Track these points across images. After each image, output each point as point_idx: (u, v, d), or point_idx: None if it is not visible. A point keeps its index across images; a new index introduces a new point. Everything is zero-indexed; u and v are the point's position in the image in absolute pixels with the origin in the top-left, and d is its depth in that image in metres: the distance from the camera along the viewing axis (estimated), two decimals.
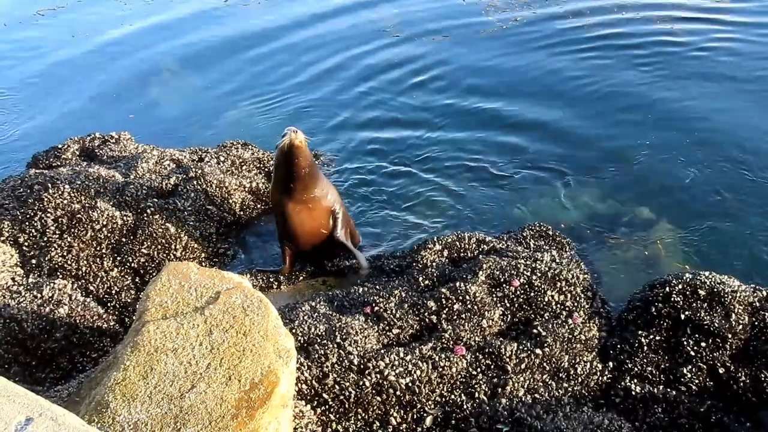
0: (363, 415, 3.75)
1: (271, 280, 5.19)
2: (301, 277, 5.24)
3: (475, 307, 4.29)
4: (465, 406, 3.78)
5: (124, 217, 5.37)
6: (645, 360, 4.05)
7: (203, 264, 5.25)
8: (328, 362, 3.87)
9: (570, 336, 4.15)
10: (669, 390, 3.89)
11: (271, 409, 2.91)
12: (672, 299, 4.21)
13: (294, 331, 4.05)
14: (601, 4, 10.26)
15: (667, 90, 7.74)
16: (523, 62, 8.77)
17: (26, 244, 5.17)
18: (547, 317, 4.32)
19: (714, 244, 5.36)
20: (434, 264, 4.84)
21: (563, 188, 6.22)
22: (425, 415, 3.76)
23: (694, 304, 4.15)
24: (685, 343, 4.04)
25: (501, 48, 9.24)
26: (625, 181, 6.24)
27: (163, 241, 5.28)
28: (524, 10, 10.38)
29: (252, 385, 2.95)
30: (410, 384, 3.80)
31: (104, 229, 5.25)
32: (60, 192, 5.42)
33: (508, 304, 4.39)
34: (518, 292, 4.42)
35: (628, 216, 5.77)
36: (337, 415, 3.73)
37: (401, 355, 3.92)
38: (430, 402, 3.80)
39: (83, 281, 4.98)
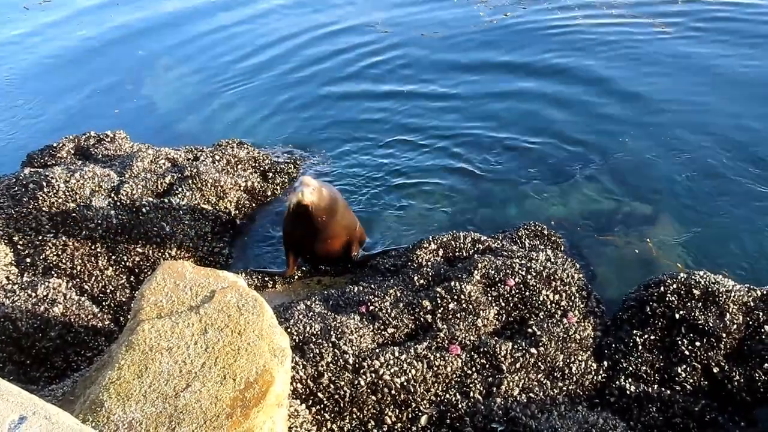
0: (358, 414, 3.75)
1: (266, 279, 5.18)
2: (296, 277, 5.23)
3: (470, 306, 4.29)
4: (460, 406, 3.78)
5: (119, 216, 5.36)
6: (640, 359, 4.06)
7: (198, 263, 5.25)
8: (323, 361, 3.87)
9: (565, 335, 4.16)
10: (663, 389, 3.90)
11: (266, 408, 2.91)
12: (667, 299, 4.22)
13: (289, 330, 4.05)
14: (589, 2, 10.32)
15: (659, 88, 7.74)
16: (514, 60, 8.76)
17: (21, 242, 5.16)
18: (542, 317, 4.33)
19: (708, 244, 5.38)
20: (429, 263, 4.84)
21: (558, 187, 6.22)
22: (420, 414, 3.77)
23: (689, 304, 4.16)
24: (679, 342, 4.05)
25: (492, 44, 9.24)
26: (620, 181, 6.24)
27: (158, 240, 5.27)
28: (515, 8, 10.39)
29: (247, 384, 2.95)
30: (405, 383, 3.80)
31: (99, 228, 5.24)
32: (55, 191, 5.41)
33: (503, 304, 4.40)
34: (513, 292, 4.42)
35: (623, 215, 5.78)
36: (332, 415, 3.74)
37: (396, 354, 3.92)
38: (425, 401, 3.80)
39: (78, 280, 4.97)
